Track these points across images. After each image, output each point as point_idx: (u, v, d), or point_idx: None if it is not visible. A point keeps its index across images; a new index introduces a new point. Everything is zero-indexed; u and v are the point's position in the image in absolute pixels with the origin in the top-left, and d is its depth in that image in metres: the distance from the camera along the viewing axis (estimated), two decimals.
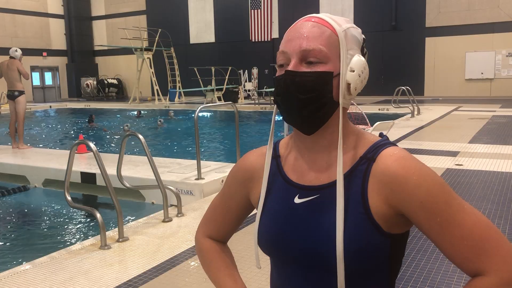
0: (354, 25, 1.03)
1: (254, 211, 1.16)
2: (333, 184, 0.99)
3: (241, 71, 24.27)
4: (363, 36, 1.05)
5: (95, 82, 27.76)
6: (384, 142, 1.01)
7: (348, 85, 0.98)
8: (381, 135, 1.07)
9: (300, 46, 0.97)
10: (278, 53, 1.01)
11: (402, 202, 0.94)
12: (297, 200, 1.03)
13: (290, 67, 0.97)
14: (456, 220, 0.91)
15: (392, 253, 0.99)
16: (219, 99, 20.22)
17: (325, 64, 0.97)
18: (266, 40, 24.42)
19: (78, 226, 5.45)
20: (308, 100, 0.97)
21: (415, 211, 0.93)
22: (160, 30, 22.59)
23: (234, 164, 1.21)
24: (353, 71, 0.97)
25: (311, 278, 1.01)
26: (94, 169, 6.17)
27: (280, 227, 1.03)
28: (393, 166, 0.95)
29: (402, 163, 0.95)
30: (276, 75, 1.02)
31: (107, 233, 4.01)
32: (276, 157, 1.11)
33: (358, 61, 0.98)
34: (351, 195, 0.97)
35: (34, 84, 26.59)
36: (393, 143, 1.02)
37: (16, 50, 8.80)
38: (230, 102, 8.59)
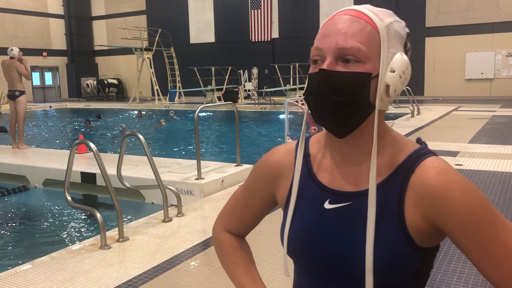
0: (398, 18, 0.95)
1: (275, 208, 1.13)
2: (367, 192, 0.93)
3: (241, 71, 24.28)
4: (407, 30, 0.96)
5: (95, 82, 27.78)
6: (424, 151, 0.95)
7: (387, 86, 0.90)
8: (419, 141, 1.00)
9: (337, 43, 0.89)
10: (313, 49, 0.94)
11: (440, 218, 0.89)
12: (327, 205, 0.98)
13: (324, 66, 0.90)
14: (499, 240, 0.86)
15: (422, 266, 0.94)
16: (219, 99, 20.21)
17: (364, 64, 0.89)
18: (266, 40, 24.43)
19: (78, 226, 5.45)
20: (343, 102, 0.90)
21: (454, 228, 0.88)
22: (160, 30, 22.60)
23: (261, 157, 1.16)
24: (394, 71, 0.90)
25: None
26: (94, 169, 6.17)
27: (307, 231, 0.99)
28: (433, 179, 0.89)
29: (444, 176, 0.89)
30: (310, 71, 0.95)
31: (107, 233, 4.00)
32: (306, 156, 1.05)
33: (400, 60, 0.90)
34: (386, 205, 0.92)
35: (34, 84, 26.59)
36: (434, 153, 0.96)
37: (12, 50, 8.77)
38: (230, 102, 8.60)
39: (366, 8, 0.93)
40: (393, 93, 0.91)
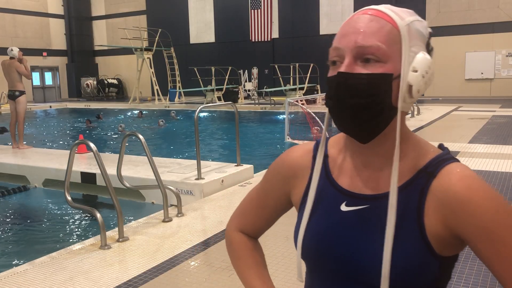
0: (419, 18, 0.92)
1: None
2: (386, 195, 0.89)
3: (241, 71, 24.28)
4: (430, 30, 0.93)
5: (95, 82, 27.79)
6: (447, 157, 0.92)
7: (410, 87, 0.86)
8: (441, 146, 0.97)
9: (356, 42, 0.86)
10: (331, 49, 0.91)
11: (462, 226, 0.85)
12: (343, 207, 0.95)
13: (343, 68, 0.87)
14: None
15: (439, 275, 0.90)
16: (219, 99, 20.22)
17: (384, 64, 0.86)
18: (266, 40, 24.43)
19: (78, 226, 5.45)
20: (363, 106, 0.86)
21: (475, 237, 0.84)
22: (160, 30, 22.61)
23: (278, 157, 1.13)
24: (416, 71, 0.86)
25: None
26: (94, 169, 6.17)
27: (322, 234, 0.96)
28: (456, 186, 0.86)
29: (467, 183, 0.86)
30: (328, 75, 0.92)
31: (107, 233, 4.00)
32: (324, 157, 1.02)
33: (422, 59, 0.87)
34: (405, 210, 0.89)
35: (34, 84, 26.60)
36: (457, 159, 0.92)
37: (11, 50, 8.77)
38: (230, 102, 8.60)
39: (386, 7, 0.91)
40: (416, 93, 0.87)
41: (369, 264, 0.89)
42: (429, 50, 0.92)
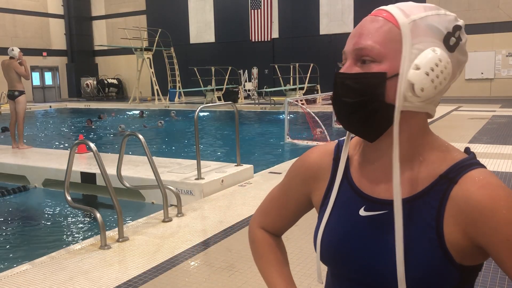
0: (442, 11, 0.89)
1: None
2: (405, 201, 0.87)
3: (241, 71, 24.28)
4: (457, 23, 0.89)
5: (95, 82, 27.79)
6: (471, 162, 0.88)
7: (412, 85, 0.84)
8: (467, 150, 0.93)
9: (354, 44, 0.88)
10: (342, 52, 0.93)
11: (484, 236, 0.82)
12: (362, 212, 0.93)
13: (342, 69, 0.90)
14: None
15: (460, 284, 0.87)
16: (219, 99, 20.22)
17: (379, 64, 0.85)
18: (266, 40, 24.43)
19: (78, 226, 5.45)
20: (356, 105, 0.87)
21: (499, 248, 0.81)
22: (160, 30, 22.61)
23: (298, 157, 1.13)
24: (419, 68, 0.83)
25: None
26: (94, 169, 6.17)
27: (340, 239, 0.95)
28: (478, 194, 0.82)
29: (490, 191, 0.82)
30: None
31: (107, 233, 4.01)
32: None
33: (427, 56, 0.83)
34: (423, 217, 0.86)
35: (34, 84, 26.61)
36: (482, 165, 0.88)
37: (12, 49, 8.79)
38: (230, 102, 8.59)
39: (394, 6, 0.89)
40: (420, 92, 0.84)
41: (386, 271, 0.87)
42: (450, 45, 0.87)
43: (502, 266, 0.83)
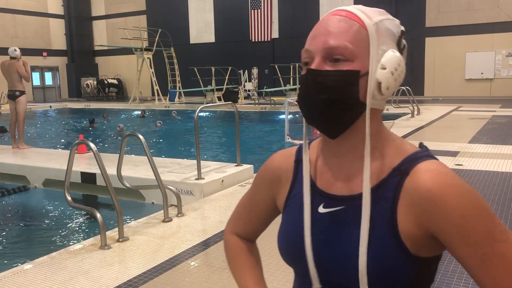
0: (390, 17, 0.94)
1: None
2: (361, 196, 0.89)
3: (241, 71, 24.27)
4: (402, 28, 0.94)
5: (95, 82, 27.79)
6: (422, 154, 0.90)
7: (379, 84, 0.88)
8: (420, 145, 0.96)
9: (324, 43, 0.89)
10: (302, 51, 0.93)
11: (435, 224, 0.83)
12: (321, 209, 0.95)
13: (313, 66, 0.90)
14: (497, 250, 0.81)
15: (418, 277, 0.88)
16: (219, 99, 20.22)
17: (352, 62, 0.88)
18: (266, 40, 24.43)
19: (78, 226, 5.45)
20: (331, 101, 0.88)
21: (449, 235, 0.83)
22: (160, 30, 22.60)
23: (264, 162, 1.16)
24: (385, 68, 0.88)
25: None
26: (94, 169, 6.17)
27: (300, 236, 0.96)
28: (428, 183, 0.84)
29: (440, 180, 0.84)
30: (302, 74, 0.95)
31: (107, 233, 4.00)
32: (301, 161, 1.04)
33: (391, 57, 0.88)
34: (378, 210, 0.88)
35: (34, 84, 26.60)
36: (433, 156, 0.91)
37: (15, 50, 8.80)
38: (230, 102, 8.60)
39: (355, 8, 0.93)
40: (385, 90, 0.89)
41: (346, 266, 0.89)
42: (401, 48, 0.92)
43: (454, 253, 0.85)
